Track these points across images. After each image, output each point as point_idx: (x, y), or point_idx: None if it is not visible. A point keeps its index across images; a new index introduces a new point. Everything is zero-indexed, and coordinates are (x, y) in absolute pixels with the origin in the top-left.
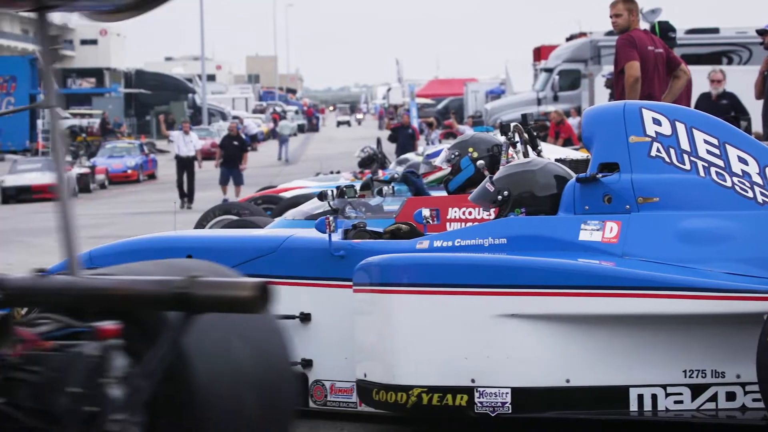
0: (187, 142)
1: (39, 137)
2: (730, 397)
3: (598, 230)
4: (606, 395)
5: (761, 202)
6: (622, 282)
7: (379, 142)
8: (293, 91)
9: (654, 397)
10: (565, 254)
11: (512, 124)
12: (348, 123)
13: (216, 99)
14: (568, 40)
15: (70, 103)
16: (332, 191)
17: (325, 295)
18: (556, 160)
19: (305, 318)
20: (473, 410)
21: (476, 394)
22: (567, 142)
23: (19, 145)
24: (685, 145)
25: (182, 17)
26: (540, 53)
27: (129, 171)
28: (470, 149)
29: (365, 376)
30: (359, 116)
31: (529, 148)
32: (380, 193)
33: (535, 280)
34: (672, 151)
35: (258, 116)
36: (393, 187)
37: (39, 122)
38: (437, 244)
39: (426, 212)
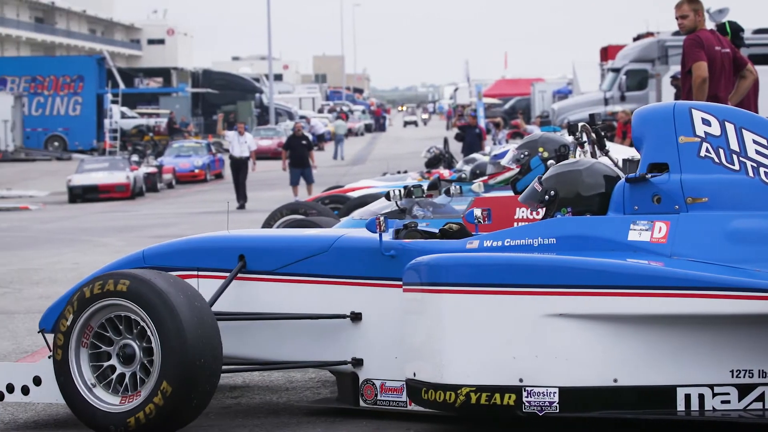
0: (241, 143)
1: (106, 137)
2: None
3: (647, 230)
4: (653, 395)
5: None
6: (669, 282)
7: (446, 141)
8: (360, 91)
9: (701, 397)
10: (614, 254)
11: (580, 124)
12: (415, 123)
13: (283, 99)
14: (635, 39)
15: (137, 103)
16: (399, 191)
17: (375, 295)
18: (624, 160)
19: (356, 317)
20: (521, 409)
21: (524, 394)
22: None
23: (86, 145)
24: (734, 145)
25: (249, 17)
26: (607, 53)
27: (196, 170)
28: (540, 149)
29: (414, 375)
30: (424, 116)
31: (597, 148)
32: (447, 192)
33: (583, 280)
34: (721, 151)
35: (325, 116)
36: (460, 186)
37: (106, 122)
38: (487, 243)
39: (477, 212)
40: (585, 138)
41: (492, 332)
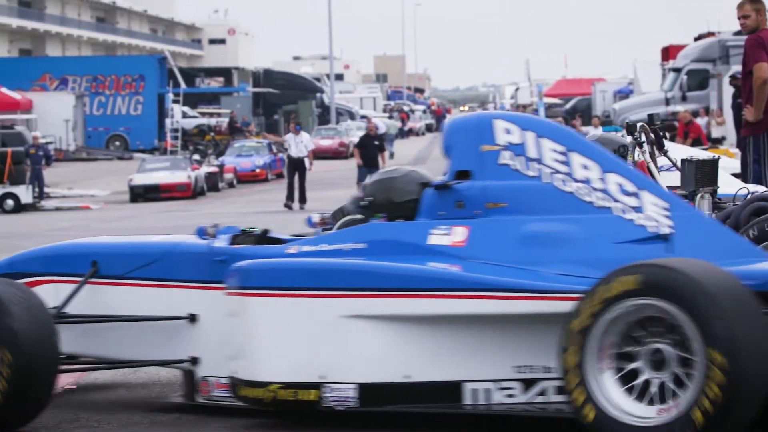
0: (297, 143)
1: (167, 136)
2: (560, 390)
3: (446, 235)
4: (442, 390)
5: (599, 206)
6: (454, 284)
7: None
8: (421, 91)
9: (487, 391)
10: (414, 258)
11: (638, 124)
12: None
13: (344, 98)
14: (696, 39)
15: (198, 103)
16: None
17: (210, 298)
18: (683, 160)
19: (193, 319)
20: (322, 404)
21: (324, 390)
22: (696, 142)
23: (147, 145)
24: (532, 153)
25: (310, 17)
26: (668, 53)
27: (257, 170)
28: None
29: (234, 373)
30: None
31: (655, 148)
32: None
33: (375, 283)
34: (520, 158)
35: (383, 115)
36: None
37: (167, 121)
38: (305, 249)
39: (316, 218)
40: (643, 138)
41: (295, 333)
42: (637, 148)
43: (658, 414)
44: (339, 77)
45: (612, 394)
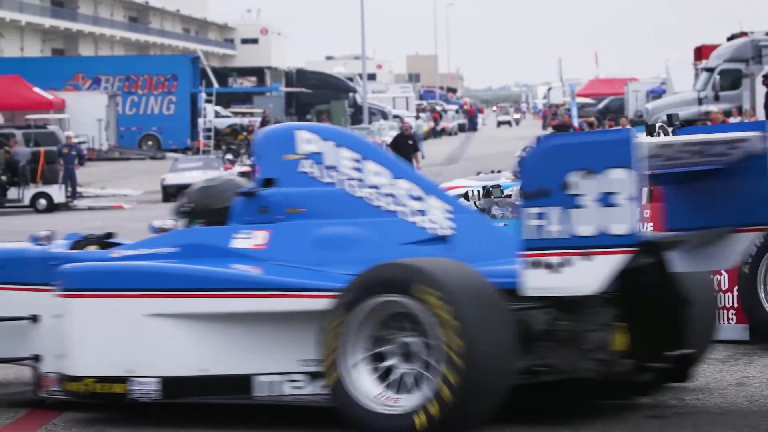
0: None
1: (200, 136)
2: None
3: (248, 238)
4: (235, 382)
5: (387, 210)
6: (241, 285)
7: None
8: (453, 90)
9: (277, 383)
10: (219, 261)
11: (657, 124)
12: (509, 123)
13: (377, 98)
14: (729, 39)
15: (231, 102)
16: (478, 191)
17: (49, 300)
18: None
19: (35, 319)
20: (128, 397)
21: (131, 383)
22: None
23: (180, 144)
24: (329, 161)
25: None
26: (701, 52)
27: None
28: None
29: (60, 369)
30: (516, 116)
31: None
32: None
33: (174, 284)
34: (319, 166)
35: (419, 115)
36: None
37: (200, 121)
38: (127, 252)
39: (158, 223)
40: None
41: (106, 331)
42: None
43: (414, 400)
44: (372, 77)
45: (366, 388)
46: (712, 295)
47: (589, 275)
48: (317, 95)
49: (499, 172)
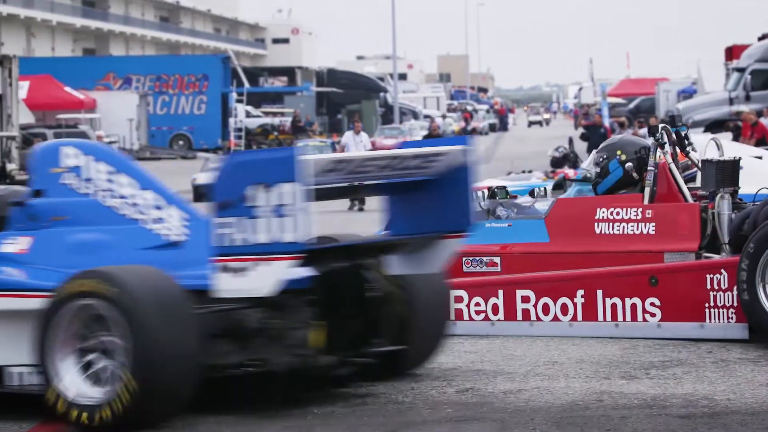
0: (357, 143)
1: (231, 136)
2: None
3: (14, 244)
4: None
5: (130, 218)
6: None
7: (571, 141)
8: (484, 90)
9: (26, 374)
10: None
11: (660, 126)
12: (540, 123)
13: (407, 98)
14: (760, 39)
15: (261, 102)
16: (483, 192)
17: None
18: (703, 161)
19: None
20: None
21: None
22: (760, 142)
23: (211, 144)
24: (87, 174)
25: (374, 16)
26: (732, 52)
27: None
28: (618, 152)
29: None
30: (546, 116)
31: (678, 149)
32: (532, 194)
33: None
34: (77, 179)
35: (450, 115)
36: (544, 188)
37: (231, 121)
38: None
39: None
40: (665, 139)
41: None
42: (659, 149)
43: (103, 395)
44: (402, 77)
45: (71, 379)
46: (441, 296)
47: (266, 278)
48: (348, 95)
49: (530, 171)
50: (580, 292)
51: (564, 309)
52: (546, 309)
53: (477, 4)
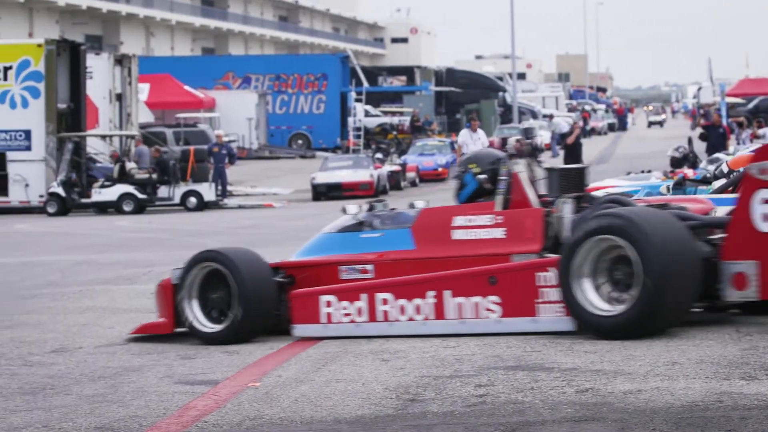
0: (475, 140)
1: (350, 135)
2: None
3: None
4: None
5: None
6: None
7: (690, 141)
8: (603, 90)
9: None
10: None
11: (512, 138)
12: (660, 123)
13: (526, 97)
14: None
15: (380, 101)
16: (361, 206)
17: None
18: (547, 169)
19: None
20: None
21: None
22: None
23: (330, 143)
24: None
25: (492, 16)
26: None
27: (439, 169)
28: (471, 165)
29: None
30: (663, 116)
31: (530, 160)
32: (412, 205)
33: None
34: None
35: (568, 115)
36: (667, 186)
37: (350, 120)
38: None
39: None
40: (515, 151)
41: None
42: (509, 160)
43: None
44: (521, 76)
45: None
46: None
47: None
48: (467, 94)
49: (649, 171)
50: (431, 294)
51: (418, 309)
52: (402, 310)
53: (596, 4)
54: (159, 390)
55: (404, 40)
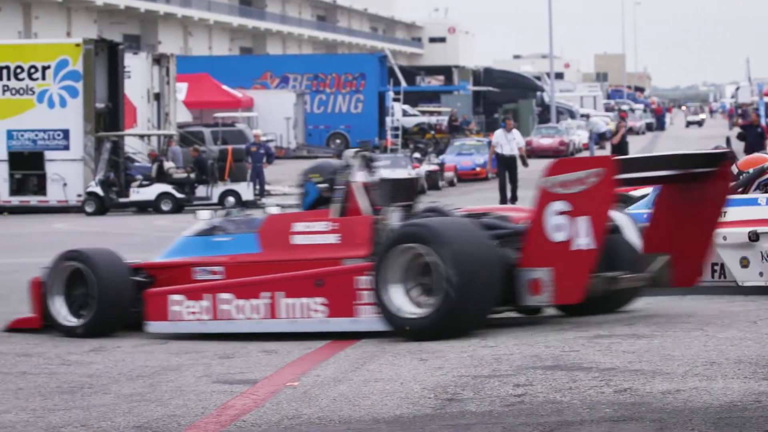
0: (509, 140)
1: (388, 135)
2: None
3: None
4: None
5: None
6: None
7: (728, 141)
8: (641, 89)
9: None
10: None
11: (352, 150)
12: (699, 123)
13: (564, 97)
14: None
15: (418, 101)
16: (214, 212)
17: None
18: (380, 179)
19: None
20: None
21: None
22: None
23: None
24: None
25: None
26: None
27: (477, 168)
28: (311, 175)
29: None
30: (701, 116)
31: (366, 170)
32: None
33: None
34: None
35: (606, 114)
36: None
37: (388, 120)
38: None
39: None
40: (354, 162)
41: None
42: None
43: None
44: (559, 76)
45: None
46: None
47: None
48: (505, 94)
49: None
50: (267, 294)
51: (255, 309)
52: (241, 309)
53: (634, 3)
54: (197, 389)
55: (442, 40)
